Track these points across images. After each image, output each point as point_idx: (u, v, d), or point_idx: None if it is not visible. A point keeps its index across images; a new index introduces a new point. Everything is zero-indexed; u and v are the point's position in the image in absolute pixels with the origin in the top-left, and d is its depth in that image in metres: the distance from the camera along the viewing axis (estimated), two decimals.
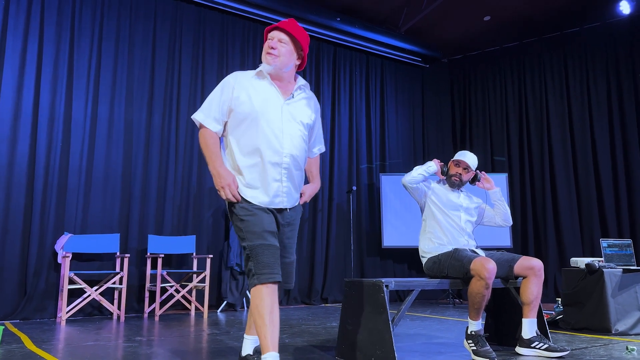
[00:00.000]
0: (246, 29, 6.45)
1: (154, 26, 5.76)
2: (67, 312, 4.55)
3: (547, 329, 3.03)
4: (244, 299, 5.74)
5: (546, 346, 2.76)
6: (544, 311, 3.59)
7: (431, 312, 5.33)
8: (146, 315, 5.04)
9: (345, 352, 2.78)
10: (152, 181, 5.49)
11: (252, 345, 2.39)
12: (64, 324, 4.33)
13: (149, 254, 5.10)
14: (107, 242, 4.96)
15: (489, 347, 2.71)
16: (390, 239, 6.83)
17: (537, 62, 7.37)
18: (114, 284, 4.78)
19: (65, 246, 4.69)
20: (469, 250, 3.05)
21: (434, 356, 2.80)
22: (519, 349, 2.85)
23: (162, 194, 5.56)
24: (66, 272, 4.48)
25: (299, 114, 2.28)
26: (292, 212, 2.28)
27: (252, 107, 2.19)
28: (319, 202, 6.69)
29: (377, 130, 7.49)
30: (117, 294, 4.90)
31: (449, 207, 3.17)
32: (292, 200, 2.25)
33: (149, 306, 5.12)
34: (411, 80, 8.00)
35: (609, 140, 6.67)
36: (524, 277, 2.91)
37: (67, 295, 4.76)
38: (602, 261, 4.11)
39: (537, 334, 2.83)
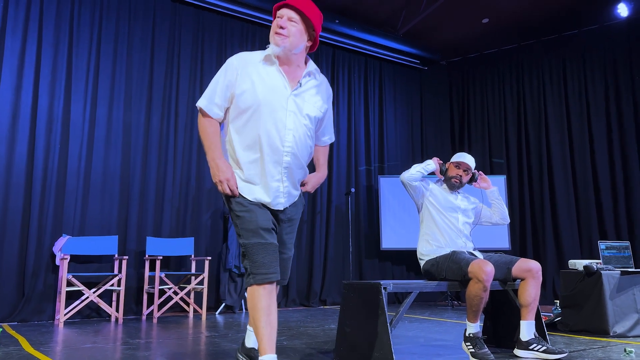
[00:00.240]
0: (244, 30, 6.46)
1: (153, 28, 5.76)
2: (65, 314, 4.54)
3: (545, 331, 3.04)
4: (243, 301, 5.74)
5: (544, 348, 2.76)
6: (542, 313, 3.59)
7: (429, 314, 5.33)
8: (144, 317, 5.04)
9: (343, 354, 2.78)
10: (151, 183, 5.49)
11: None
12: (62, 326, 4.32)
13: (147, 256, 5.10)
14: (105, 244, 4.95)
15: (487, 350, 2.72)
16: (388, 241, 6.83)
17: (536, 65, 7.38)
18: (112, 286, 4.78)
19: (63, 248, 4.68)
20: (466, 252, 3.05)
21: (432, 358, 2.80)
22: (517, 351, 2.85)
23: (160, 195, 5.56)
24: (64, 274, 4.48)
25: (307, 107, 2.12)
26: (292, 207, 2.18)
27: (256, 97, 2.03)
28: (318, 204, 6.69)
29: (376, 132, 7.50)
30: (115, 296, 4.89)
31: (447, 209, 3.17)
32: (291, 198, 2.17)
33: (147, 308, 5.11)
34: (410, 82, 8.01)
35: (607, 142, 6.69)
36: (522, 280, 2.91)
37: (65, 297, 4.75)
38: (600, 263, 4.12)
39: (535, 336, 2.83)
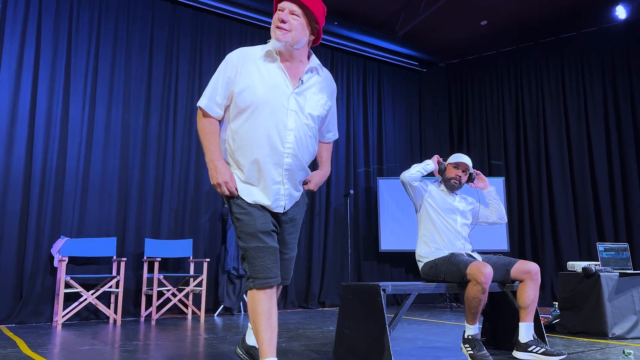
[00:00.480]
0: (243, 32, 6.46)
1: (152, 30, 5.76)
2: (63, 316, 4.53)
3: (544, 332, 3.04)
4: (241, 303, 5.73)
5: (543, 350, 2.75)
6: (540, 315, 3.59)
7: (428, 316, 5.32)
8: (143, 319, 5.03)
9: (342, 356, 2.78)
10: (149, 185, 5.48)
11: None
12: (60, 328, 4.31)
13: (145, 258, 5.09)
14: (103, 246, 4.94)
15: (486, 352, 2.71)
16: (387, 243, 6.83)
17: (534, 67, 7.39)
18: (111, 287, 4.77)
19: (61, 250, 4.68)
20: (465, 254, 3.05)
21: None
22: (516, 353, 2.85)
23: (159, 197, 5.55)
24: (62, 276, 4.47)
25: (309, 105, 2.05)
26: (294, 207, 2.13)
27: (255, 96, 1.96)
28: (317, 206, 6.69)
29: (375, 134, 7.50)
30: (113, 297, 4.88)
31: (445, 211, 3.16)
32: (292, 200, 2.11)
33: (146, 310, 5.10)
34: (408, 84, 8.02)
35: (605, 144, 6.70)
36: (521, 281, 2.91)
37: (63, 299, 4.74)
38: (599, 265, 4.12)
39: (534, 338, 2.83)
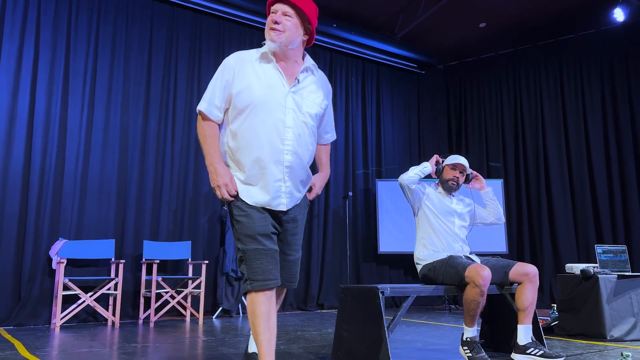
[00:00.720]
0: (242, 34, 6.46)
1: (150, 32, 5.76)
2: (62, 318, 4.52)
3: (543, 335, 3.04)
4: (240, 305, 5.72)
5: (541, 352, 2.76)
6: (539, 317, 3.60)
7: (427, 318, 5.32)
8: (141, 321, 5.02)
9: (341, 358, 2.78)
10: (148, 187, 5.48)
11: None
12: (58, 330, 4.30)
13: (144, 260, 5.08)
14: (102, 248, 4.94)
15: (484, 354, 2.72)
16: (386, 245, 6.83)
17: (532, 69, 7.41)
18: (109, 290, 4.76)
19: (60, 252, 4.67)
20: (463, 256, 3.05)
21: None
22: (514, 356, 2.85)
23: (157, 199, 5.55)
24: (61, 278, 4.46)
25: (306, 104, 2.08)
26: (295, 208, 2.12)
27: (253, 96, 1.99)
28: (315, 208, 6.69)
29: (373, 136, 7.51)
30: (111, 300, 4.88)
31: (443, 213, 3.17)
32: (293, 200, 2.10)
33: (144, 312, 5.09)
34: (407, 86, 8.03)
35: (604, 146, 6.71)
36: (519, 284, 2.91)
37: (62, 301, 4.73)
38: (597, 267, 4.12)
39: (532, 340, 2.83)
